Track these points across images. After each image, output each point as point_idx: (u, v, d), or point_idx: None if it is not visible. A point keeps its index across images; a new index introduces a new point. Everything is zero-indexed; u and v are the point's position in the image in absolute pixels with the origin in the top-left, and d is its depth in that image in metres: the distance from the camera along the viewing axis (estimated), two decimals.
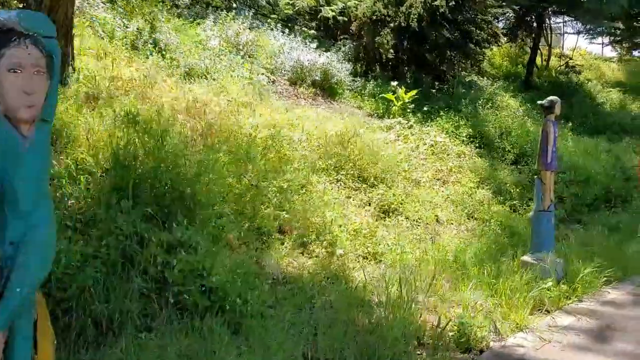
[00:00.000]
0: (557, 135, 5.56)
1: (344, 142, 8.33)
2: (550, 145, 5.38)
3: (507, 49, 21.81)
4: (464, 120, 12.05)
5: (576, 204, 10.09)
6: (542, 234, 5.31)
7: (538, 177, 5.51)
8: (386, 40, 13.69)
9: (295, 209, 6.16)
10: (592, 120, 15.25)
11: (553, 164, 5.37)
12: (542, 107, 5.79)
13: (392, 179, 8.31)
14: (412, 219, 7.65)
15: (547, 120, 5.56)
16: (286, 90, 11.81)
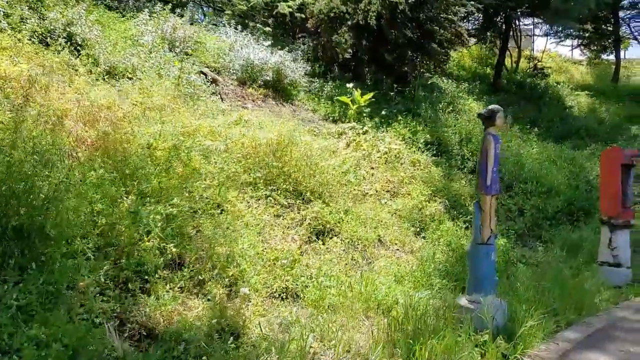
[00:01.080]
0: (498, 152, 4.55)
1: (278, 152, 7.22)
2: (490, 165, 4.37)
3: (476, 51, 20.95)
4: (422, 126, 11.06)
5: (537, 217, 9.17)
6: (480, 271, 4.30)
7: (477, 203, 4.51)
8: (344, 39, 12.60)
9: (201, 237, 5.05)
10: (559, 124, 14.41)
11: (494, 188, 4.36)
12: (481, 117, 4.78)
13: (331, 193, 7.24)
14: (349, 240, 6.59)
15: (487, 134, 4.55)
16: (233, 91, 10.64)
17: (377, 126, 10.84)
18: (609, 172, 6.34)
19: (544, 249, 8.05)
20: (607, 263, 6.33)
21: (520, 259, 7.20)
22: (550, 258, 7.12)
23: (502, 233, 8.22)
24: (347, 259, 6.19)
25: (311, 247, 6.18)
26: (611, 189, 6.29)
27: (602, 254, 6.42)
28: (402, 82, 13.25)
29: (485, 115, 4.67)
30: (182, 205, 4.79)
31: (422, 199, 8.40)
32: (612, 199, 6.28)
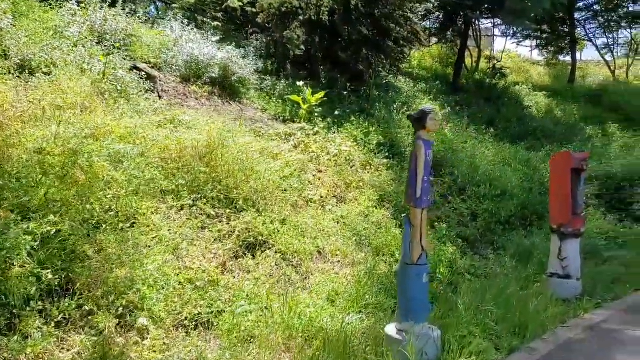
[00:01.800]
0: (430, 159, 3.96)
1: (207, 155, 6.48)
2: (420, 174, 3.78)
3: (437, 51, 20.62)
4: (375, 126, 10.49)
5: (490, 222, 8.71)
6: (410, 296, 3.70)
7: (406, 217, 3.91)
8: (296, 35, 11.91)
9: (101, 257, 4.29)
10: (516, 125, 14.12)
11: (424, 200, 3.77)
12: (411, 119, 4.19)
13: (268, 201, 6.54)
14: (284, 254, 5.92)
15: (417, 139, 3.97)
16: (174, 88, 9.80)
17: (329, 127, 10.22)
18: (559, 178, 5.89)
19: (495, 257, 7.58)
20: (557, 274, 5.88)
21: (468, 269, 6.69)
22: (499, 268, 6.64)
23: (452, 240, 7.71)
24: (279, 276, 5.52)
25: (238, 263, 5.48)
26: (561, 195, 5.83)
27: (551, 264, 5.96)
28: (358, 81, 12.66)
29: (415, 117, 4.07)
30: (75, 219, 4.01)
31: (369, 205, 7.82)
32: (562, 205, 5.82)
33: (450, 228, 8.13)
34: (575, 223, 5.78)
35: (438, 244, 7.44)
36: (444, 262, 6.41)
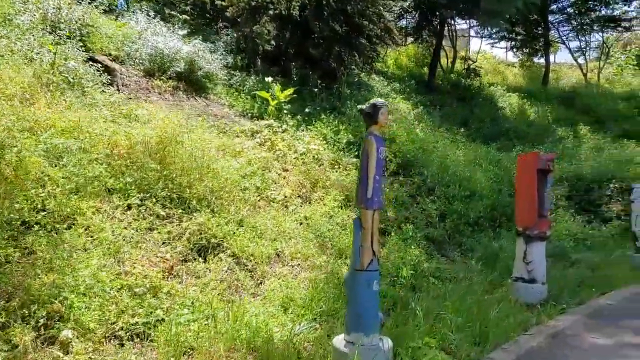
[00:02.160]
0: (383, 157, 3.66)
1: (160, 152, 6.08)
2: (372, 173, 3.48)
3: (414, 50, 20.46)
4: (345, 125, 10.20)
5: (459, 223, 8.50)
6: (360, 305, 3.38)
7: (357, 220, 3.60)
8: (266, 30, 11.54)
9: (28, 262, 3.88)
10: (489, 125, 14.00)
11: (376, 201, 3.46)
12: (362, 114, 3.89)
13: (224, 201, 6.17)
14: (238, 257, 5.56)
15: (368, 135, 3.67)
16: (136, 82, 9.34)
17: (299, 124, 9.90)
18: (525, 178, 5.67)
19: (462, 259, 7.36)
20: (522, 279, 5.66)
21: (433, 272, 6.43)
22: (465, 272, 6.40)
23: (418, 242, 7.46)
24: (230, 282, 5.16)
25: (186, 267, 5.09)
26: (527, 196, 5.61)
27: (517, 268, 5.74)
28: (330, 79, 12.34)
29: (366, 111, 3.77)
30: None
31: (334, 205, 7.51)
32: (528, 207, 5.61)
33: (418, 229, 7.89)
34: (541, 225, 5.56)
35: (403, 245, 7.19)
36: (408, 265, 6.13)
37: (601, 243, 8.73)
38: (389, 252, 6.46)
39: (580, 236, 8.91)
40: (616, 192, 10.62)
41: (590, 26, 20.85)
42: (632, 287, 6.59)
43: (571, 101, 18.51)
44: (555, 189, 10.52)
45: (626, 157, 11.95)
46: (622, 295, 6.08)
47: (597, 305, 5.55)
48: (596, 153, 12.41)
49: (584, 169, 11.29)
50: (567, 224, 9.25)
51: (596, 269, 7.03)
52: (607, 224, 9.92)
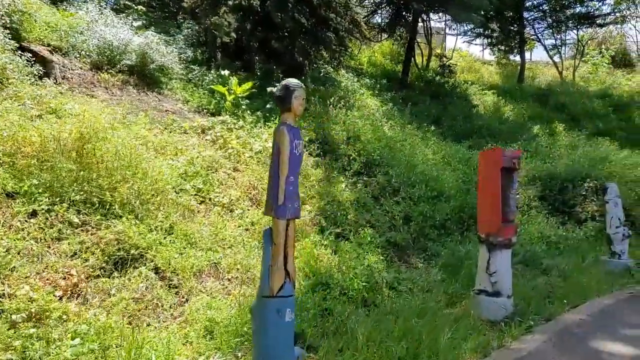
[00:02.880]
0: (300, 152, 2.90)
1: (79, 150, 5.24)
2: (284, 173, 2.72)
3: (388, 47, 19.78)
4: (307, 121, 9.43)
5: (424, 226, 7.80)
6: (268, 339, 2.62)
7: (267, 231, 2.83)
8: (226, 21, 10.72)
9: None
10: (462, 123, 13.37)
11: (290, 208, 2.67)
12: (274, 98, 3.14)
13: (152, 205, 5.36)
14: (163, 271, 4.76)
15: (280, 126, 2.90)
16: (80, 75, 8.48)
17: (259, 121, 9.12)
18: (488, 178, 4.96)
19: (424, 266, 6.65)
20: (485, 291, 4.97)
21: (391, 283, 5.71)
22: (425, 282, 5.69)
23: (378, 247, 6.73)
24: (148, 300, 4.35)
25: (95, 284, 4.28)
26: (490, 198, 4.91)
27: (479, 279, 5.03)
28: (296, 74, 11.56)
29: (277, 94, 3.01)
30: None
31: None
32: (491, 211, 4.90)
33: (379, 233, 7.17)
34: (506, 231, 4.87)
35: (361, 252, 6.46)
36: (361, 276, 5.39)
37: (575, 246, 8.12)
38: (341, 261, 5.70)
39: (554, 239, 8.28)
40: (591, 192, 10.04)
41: (565, 23, 20.44)
42: (606, 297, 5.97)
43: (546, 99, 18.04)
44: (528, 189, 9.92)
45: (600, 154, 11.42)
46: (595, 308, 5.44)
47: (568, 321, 4.89)
48: (570, 151, 11.85)
49: (557, 167, 10.70)
50: (539, 226, 8.62)
51: (568, 277, 6.39)
52: (582, 225, 9.33)
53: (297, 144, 2.86)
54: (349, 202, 7.65)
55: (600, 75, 21.53)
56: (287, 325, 2.76)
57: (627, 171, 10.89)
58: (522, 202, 9.43)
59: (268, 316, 2.71)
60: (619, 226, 7.50)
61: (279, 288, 2.71)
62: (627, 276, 6.96)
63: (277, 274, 2.71)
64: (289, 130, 2.84)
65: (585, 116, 17.03)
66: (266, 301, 2.74)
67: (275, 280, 2.70)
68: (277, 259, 2.73)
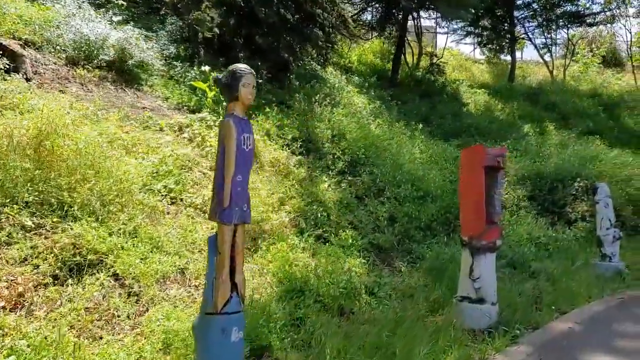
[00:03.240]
0: (250, 148, 2.53)
1: (37, 147, 4.85)
2: (230, 171, 2.34)
3: (379, 46, 19.43)
4: (291, 119, 9.06)
5: (409, 227, 7.45)
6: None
7: (212, 238, 2.46)
8: (209, 16, 10.31)
9: None
10: (451, 122, 13.04)
11: (237, 211, 2.28)
12: (218, 85, 2.78)
13: (115, 207, 4.97)
14: (123, 277, 4.37)
15: (226, 117, 2.53)
16: (54, 71, 8.08)
17: None
18: (470, 178, 4.61)
19: (408, 269, 6.30)
20: (468, 298, 4.62)
21: (371, 288, 5.35)
22: (408, 287, 5.34)
23: (361, 250, 6.38)
24: (102, 310, 3.97)
25: (44, 294, 3.89)
26: (472, 199, 4.57)
27: (462, 285, 4.68)
28: (282, 70, 11.18)
29: (223, 81, 2.64)
30: None
31: (266, 209, 6.37)
32: (474, 212, 4.55)
33: (362, 235, 6.82)
34: (490, 234, 4.52)
35: (342, 255, 6.10)
36: (338, 282, 5.03)
37: (565, 248, 7.81)
38: (318, 266, 5.34)
39: (543, 240, 7.96)
40: (581, 191, 9.74)
41: (555, 22, 20.17)
42: (596, 303, 5.65)
43: (537, 98, 17.77)
44: (517, 189, 9.60)
45: (591, 153, 11.13)
46: (584, 315, 5.11)
47: (556, 331, 4.55)
48: (560, 150, 11.56)
49: (547, 166, 10.40)
50: (528, 226, 8.30)
51: (557, 281, 6.06)
52: (572, 225, 9.03)
53: (246, 138, 2.50)
54: (331, 203, 7.29)
55: (591, 75, 21.31)
56: (234, 346, 2.39)
57: (617, 170, 10.62)
58: (510, 202, 9.12)
59: (211, 336, 2.35)
60: (609, 227, 7.19)
61: (224, 303, 2.35)
62: (618, 280, 6.65)
63: (222, 288, 2.35)
64: (236, 123, 2.47)
65: (576, 115, 16.77)
66: (209, 319, 2.37)
67: (220, 295, 2.34)
68: (222, 271, 2.37)
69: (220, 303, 2.35)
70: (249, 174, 2.56)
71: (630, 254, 8.37)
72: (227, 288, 2.36)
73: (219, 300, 2.34)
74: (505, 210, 8.72)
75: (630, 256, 8.15)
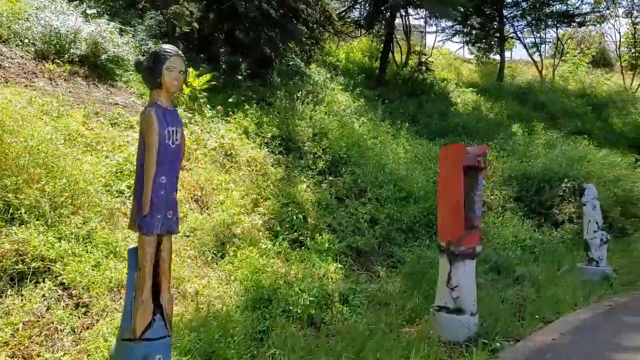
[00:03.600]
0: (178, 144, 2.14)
1: None
2: (150, 170, 1.98)
3: (367, 44, 19.09)
4: (271, 116, 8.69)
5: (391, 229, 7.12)
6: None
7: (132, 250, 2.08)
8: (188, 10, 9.93)
9: None
10: (438, 121, 12.74)
11: (160, 220, 1.90)
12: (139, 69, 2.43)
13: (67, 209, 4.58)
14: (73, 287, 3.99)
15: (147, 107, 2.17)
16: (20, 65, 7.67)
17: (218, 116, 8.38)
18: (449, 178, 4.26)
19: (388, 274, 5.97)
20: (446, 308, 4.29)
21: (346, 295, 5.01)
22: (385, 293, 5.00)
23: (338, 254, 6.03)
24: (44, 324, 3.59)
25: None
26: (451, 201, 4.22)
27: (440, 294, 4.33)
28: (264, 67, 10.80)
29: (145, 65, 2.29)
30: None
31: (238, 211, 6.00)
32: (452, 216, 4.21)
33: (340, 238, 6.47)
34: (469, 239, 4.19)
35: (318, 260, 5.75)
36: (310, 289, 4.68)
37: (551, 251, 7.52)
38: (288, 272, 4.99)
39: (529, 243, 7.67)
40: (568, 192, 9.48)
41: (544, 21, 19.96)
42: (582, 311, 5.35)
43: (526, 97, 17.54)
44: (503, 189, 9.30)
45: (579, 153, 10.88)
46: (569, 325, 4.80)
47: (539, 343, 4.23)
48: (548, 150, 11.29)
49: (534, 166, 10.12)
50: (514, 229, 8.00)
51: (542, 287, 5.76)
52: (559, 227, 8.75)
53: (171, 132, 2.14)
54: (309, 204, 6.94)
55: (580, 75, 21.13)
56: None
57: (605, 171, 10.38)
58: (496, 204, 8.82)
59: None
60: (596, 230, 6.90)
61: (145, 328, 1.99)
62: (606, 285, 6.36)
63: (142, 309, 1.99)
64: (158, 114, 2.11)
65: (565, 115, 16.56)
66: (127, 346, 2.01)
67: (139, 318, 1.98)
68: (142, 289, 2.01)
69: (140, 327, 1.99)
70: (176, 175, 2.19)
71: (618, 256, 8.12)
72: (148, 309, 2.00)
73: (137, 324, 1.98)
74: (491, 212, 8.43)
75: (618, 259, 7.90)
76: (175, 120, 2.22)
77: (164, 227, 2.07)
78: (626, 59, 23.77)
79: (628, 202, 9.68)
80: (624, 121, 17.72)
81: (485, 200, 8.89)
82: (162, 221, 2.05)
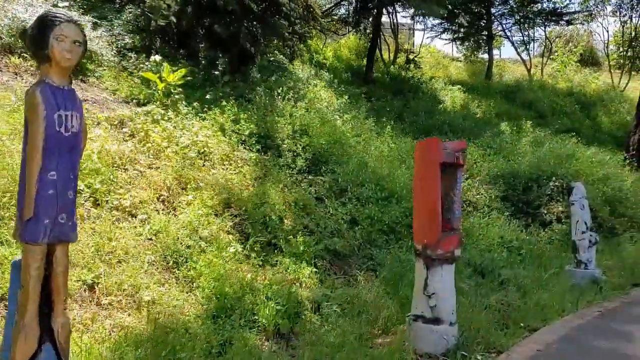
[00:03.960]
0: (74, 131, 1.76)
1: None
2: (34, 166, 1.59)
3: (355, 42, 18.75)
4: (249, 113, 8.29)
5: (372, 230, 6.76)
6: None
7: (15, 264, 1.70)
8: (165, 4, 9.51)
9: None
10: (424, 119, 12.41)
11: (48, 225, 1.54)
12: (24, 39, 2.03)
13: (6, 212, 4.16)
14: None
15: (32, 87, 1.78)
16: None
17: (193, 112, 7.98)
18: (424, 177, 3.90)
19: (366, 278, 5.60)
20: (423, 317, 3.92)
21: (319, 302, 4.63)
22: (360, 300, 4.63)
23: (314, 257, 5.66)
24: None
25: None
26: (427, 201, 3.85)
27: (416, 302, 3.94)
28: (244, 63, 10.40)
29: (29, 33, 1.89)
30: None
31: (206, 212, 5.60)
32: (428, 217, 3.84)
33: (318, 240, 6.09)
34: (447, 243, 3.83)
35: (292, 264, 5.38)
36: (278, 296, 4.31)
37: (538, 252, 7.20)
38: (253, 278, 4.60)
39: (515, 244, 7.35)
40: (556, 191, 9.18)
41: (532, 20, 19.75)
42: (570, 317, 5.02)
43: (514, 96, 17.31)
44: (489, 189, 8.98)
45: (567, 152, 10.59)
46: (556, 334, 4.46)
47: (523, 355, 3.89)
48: (536, 148, 11.00)
49: (522, 165, 9.82)
50: (500, 229, 7.67)
51: (528, 292, 5.43)
52: (547, 227, 8.45)
53: (65, 117, 1.74)
54: (286, 204, 6.55)
55: (568, 73, 20.97)
56: None
57: (594, 169, 10.10)
58: (482, 203, 8.49)
59: None
60: (585, 231, 6.57)
61: (29, 359, 1.60)
62: (595, 289, 6.04)
63: (24, 336, 1.60)
64: (46, 94, 1.71)
65: (553, 113, 16.35)
66: None
67: (20, 346, 1.59)
68: (24, 311, 1.61)
69: (21, 358, 1.60)
70: (74, 171, 1.80)
71: (607, 257, 7.83)
72: (33, 336, 1.61)
73: (18, 354, 1.59)
74: (476, 212, 8.10)
75: (607, 260, 7.60)
76: (70, 103, 1.83)
77: (53, 234, 1.68)
78: (614, 57, 23.65)
79: (617, 201, 9.41)
80: (612, 120, 17.55)
81: (471, 200, 8.57)
82: (51, 227, 1.66)
